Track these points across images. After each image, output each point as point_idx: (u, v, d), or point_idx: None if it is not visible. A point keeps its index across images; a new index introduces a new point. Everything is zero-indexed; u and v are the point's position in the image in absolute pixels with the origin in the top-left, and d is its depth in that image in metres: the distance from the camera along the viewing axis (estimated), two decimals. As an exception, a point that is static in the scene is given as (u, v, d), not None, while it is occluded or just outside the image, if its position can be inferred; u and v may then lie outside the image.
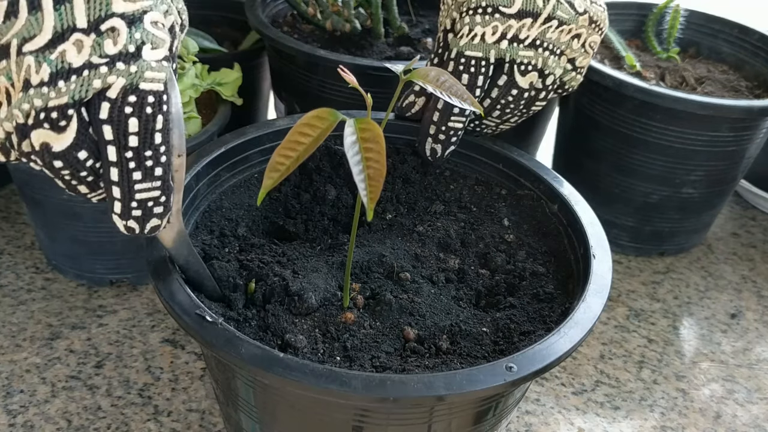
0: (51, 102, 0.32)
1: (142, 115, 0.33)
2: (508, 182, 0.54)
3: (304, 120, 0.35)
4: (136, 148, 0.34)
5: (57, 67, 0.31)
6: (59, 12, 0.31)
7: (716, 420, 0.62)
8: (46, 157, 0.33)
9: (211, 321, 0.36)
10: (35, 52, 0.31)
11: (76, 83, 0.32)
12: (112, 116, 0.33)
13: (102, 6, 0.32)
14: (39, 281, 0.69)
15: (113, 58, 0.32)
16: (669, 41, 0.86)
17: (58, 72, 0.32)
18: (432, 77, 0.38)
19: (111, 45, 0.32)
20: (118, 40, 0.32)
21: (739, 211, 0.92)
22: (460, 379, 0.34)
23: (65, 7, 0.31)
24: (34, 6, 0.30)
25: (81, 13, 0.31)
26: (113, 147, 0.34)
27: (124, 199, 0.35)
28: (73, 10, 0.31)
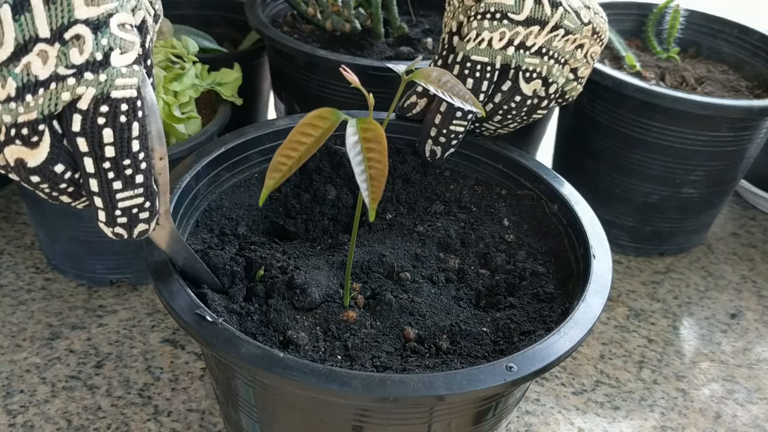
0: (20, 117, 0.30)
1: (116, 125, 0.32)
2: (508, 182, 0.54)
3: (306, 120, 0.35)
4: (113, 158, 0.33)
5: (23, 80, 0.30)
6: (19, 22, 0.29)
7: (716, 420, 0.62)
8: (22, 172, 0.32)
9: (211, 321, 0.36)
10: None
11: (44, 97, 0.31)
12: (85, 128, 0.32)
13: (64, 13, 0.30)
14: (39, 281, 0.69)
15: (80, 67, 0.31)
16: (669, 41, 0.86)
17: (24, 86, 0.30)
18: (434, 78, 0.38)
19: (77, 54, 0.31)
20: (84, 48, 0.31)
21: (739, 211, 0.92)
22: (460, 379, 0.34)
23: (25, 17, 0.29)
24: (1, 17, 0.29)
25: (42, 22, 0.29)
26: (90, 158, 0.33)
27: (107, 208, 0.34)
28: (33, 19, 0.29)
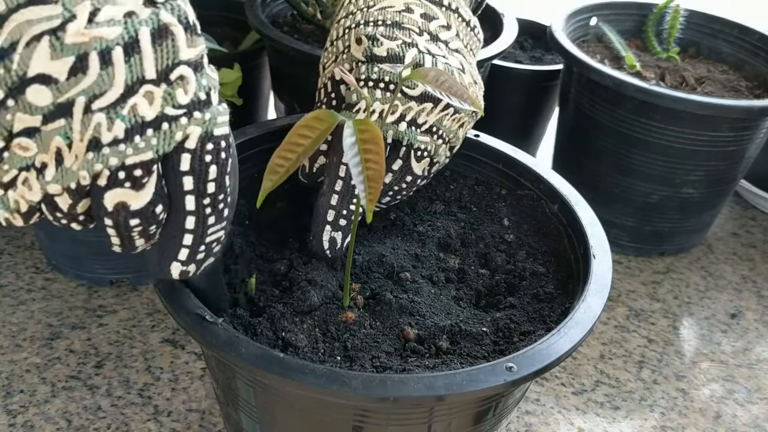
0: (130, 159, 0.30)
1: (219, 161, 0.33)
2: (508, 182, 0.54)
3: (303, 122, 0.35)
4: (213, 194, 0.33)
5: (131, 122, 0.30)
6: (129, 65, 0.29)
7: (716, 420, 0.62)
8: (122, 216, 0.32)
9: (211, 321, 0.36)
10: (105, 109, 0.29)
11: (158, 137, 0.31)
12: (194, 167, 0.32)
13: (170, 54, 0.30)
14: (39, 281, 0.69)
15: (188, 107, 0.31)
16: (669, 41, 0.86)
17: (132, 127, 0.30)
18: (431, 77, 0.38)
19: (183, 94, 0.31)
20: (188, 88, 0.31)
21: (739, 211, 0.92)
22: (460, 379, 0.34)
23: (134, 59, 0.29)
24: (105, 61, 0.29)
25: (150, 64, 0.30)
26: (192, 196, 0.33)
27: (194, 245, 0.35)
28: (142, 61, 0.29)
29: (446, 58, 0.46)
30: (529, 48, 0.99)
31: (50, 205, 0.32)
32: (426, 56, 0.45)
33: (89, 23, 0.28)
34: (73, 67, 0.28)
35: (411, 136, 0.45)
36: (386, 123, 0.45)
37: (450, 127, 0.46)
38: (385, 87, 0.45)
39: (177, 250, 0.35)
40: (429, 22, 0.47)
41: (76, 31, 0.28)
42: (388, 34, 0.45)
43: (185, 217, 0.34)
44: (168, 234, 0.34)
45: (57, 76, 0.28)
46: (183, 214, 0.33)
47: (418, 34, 0.46)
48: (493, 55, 0.74)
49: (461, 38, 0.49)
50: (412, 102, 0.44)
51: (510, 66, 0.88)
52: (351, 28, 0.48)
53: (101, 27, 0.28)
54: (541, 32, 0.98)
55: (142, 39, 0.29)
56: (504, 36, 0.79)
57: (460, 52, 0.48)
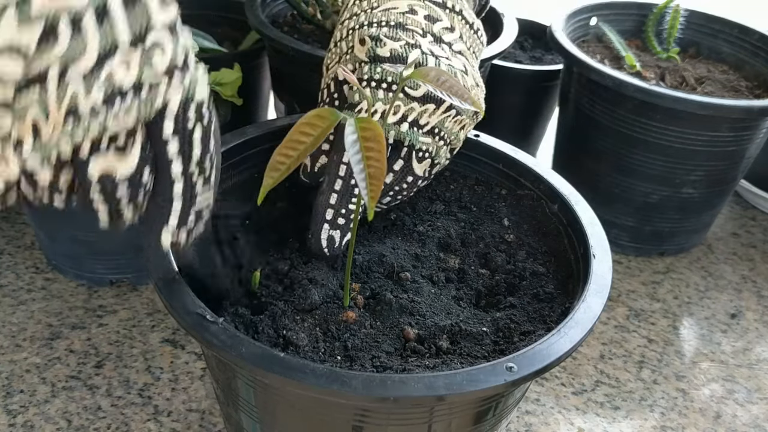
0: (111, 126, 0.30)
1: (202, 124, 0.33)
2: (508, 182, 0.54)
3: (305, 119, 0.35)
4: (198, 158, 0.34)
5: (109, 89, 0.30)
6: (101, 30, 0.28)
7: (716, 420, 0.62)
8: (108, 185, 0.32)
9: (212, 320, 0.36)
10: (81, 77, 0.29)
11: (138, 102, 0.31)
12: (177, 130, 0.32)
13: (143, 18, 0.30)
14: (39, 281, 0.69)
15: (167, 72, 0.31)
16: (669, 41, 0.86)
17: (111, 94, 0.30)
18: (432, 77, 0.38)
19: (160, 58, 0.31)
20: (165, 52, 0.31)
21: (739, 211, 0.92)
22: (461, 379, 0.34)
23: (106, 24, 0.29)
24: (76, 27, 0.28)
25: (123, 29, 0.29)
26: (178, 161, 0.33)
27: (183, 212, 0.35)
28: (114, 26, 0.29)
29: (449, 59, 0.46)
30: (529, 48, 0.99)
31: (30, 181, 0.31)
32: (429, 57, 0.45)
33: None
34: (42, 35, 0.27)
35: (413, 137, 0.45)
36: (388, 123, 0.45)
37: (452, 128, 0.47)
38: (388, 87, 0.45)
39: (166, 217, 0.34)
40: (432, 23, 0.47)
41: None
42: (391, 35, 0.45)
43: (172, 183, 0.33)
44: (156, 204, 0.34)
45: (26, 46, 0.27)
46: (170, 180, 0.33)
47: (422, 36, 0.46)
48: (493, 55, 0.74)
49: (464, 41, 0.49)
50: (415, 103, 0.44)
51: (510, 66, 0.88)
52: (355, 29, 0.48)
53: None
54: (541, 32, 0.98)
55: (112, 4, 0.29)
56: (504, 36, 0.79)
57: (463, 54, 0.48)
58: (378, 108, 0.45)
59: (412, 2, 0.48)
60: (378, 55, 0.45)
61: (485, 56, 0.73)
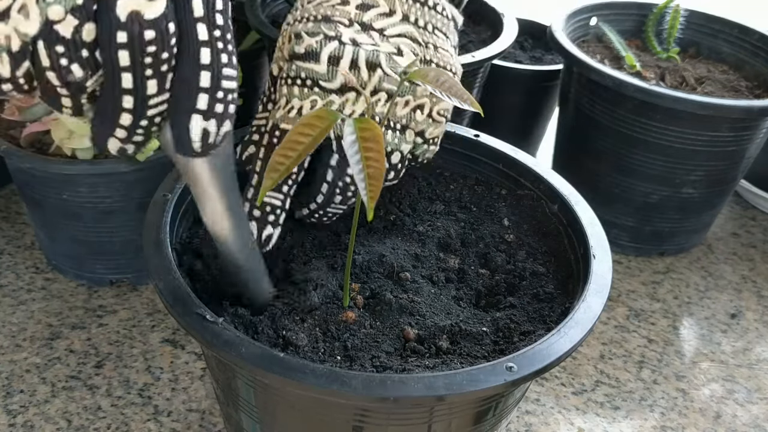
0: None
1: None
2: (508, 182, 0.54)
3: (304, 120, 0.35)
4: (222, 26, 0.31)
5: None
6: None
7: (716, 420, 0.62)
8: (135, 27, 0.29)
9: (211, 321, 0.36)
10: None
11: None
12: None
13: None
14: (39, 281, 0.69)
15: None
16: (669, 41, 0.86)
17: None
18: (431, 77, 0.38)
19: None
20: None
21: (739, 211, 0.92)
22: (461, 379, 0.34)
23: None
24: None
25: None
26: (203, 24, 0.31)
27: (213, 85, 0.32)
28: None
29: (377, 45, 0.46)
30: (529, 48, 0.99)
31: (49, 39, 0.28)
32: (347, 47, 0.45)
33: None
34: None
35: (337, 129, 0.45)
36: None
37: (392, 112, 0.46)
38: (302, 83, 0.45)
39: (195, 96, 0.32)
40: (365, 12, 0.47)
41: None
42: (312, 30, 0.46)
43: (199, 49, 0.31)
44: (182, 78, 0.31)
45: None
46: (197, 45, 0.31)
47: (347, 26, 0.46)
48: (493, 55, 0.74)
49: (412, 20, 0.48)
50: (333, 95, 0.45)
51: (510, 66, 0.88)
52: (289, 24, 0.48)
53: None
54: (541, 32, 0.98)
55: None
56: (504, 36, 0.79)
57: (406, 36, 0.47)
58: (294, 104, 0.45)
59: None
60: (295, 53, 0.46)
61: (485, 56, 0.73)
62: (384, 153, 0.34)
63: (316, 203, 0.47)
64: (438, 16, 0.50)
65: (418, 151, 0.49)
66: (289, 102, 0.45)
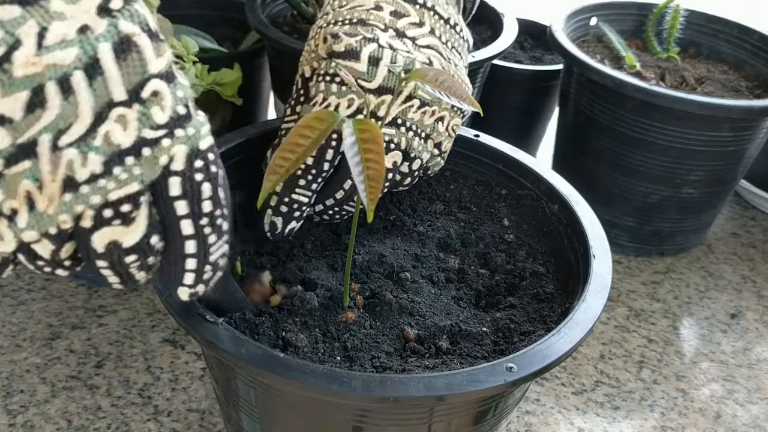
0: (113, 194, 0.27)
1: (211, 177, 0.30)
2: (508, 182, 0.54)
3: (303, 122, 0.35)
4: (210, 212, 0.31)
5: (106, 153, 0.27)
6: (93, 89, 0.25)
7: (716, 420, 0.62)
8: (115, 255, 0.29)
9: (211, 321, 0.36)
10: (75, 143, 0.26)
11: (141, 165, 0.28)
12: (185, 189, 0.29)
13: (138, 69, 0.27)
14: (39, 281, 0.69)
15: (168, 125, 0.28)
16: (669, 41, 0.86)
17: (110, 159, 0.27)
18: (431, 77, 0.38)
19: (159, 112, 0.28)
20: (164, 104, 0.28)
21: (739, 211, 0.92)
22: (461, 379, 0.34)
23: (98, 82, 0.26)
24: (65, 90, 0.25)
25: (117, 84, 0.26)
26: (188, 220, 0.30)
27: (199, 267, 0.32)
28: (107, 83, 0.26)
29: (410, 53, 0.46)
30: (529, 48, 0.99)
31: (29, 254, 0.29)
32: (385, 50, 0.45)
33: (38, 48, 0.24)
34: (28, 102, 0.24)
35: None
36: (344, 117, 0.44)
37: (421, 120, 0.46)
38: (341, 81, 0.45)
39: (181, 275, 0.32)
40: (398, 19, 0.47)
41: (24, 60, 0.24)
42: (350, 32, 0.46)
43: (184, 242, 0.31)
44: (168, 262, 0.32)
45: (11, 115, 0.24)
46: (181, 239, 0.31)
47: (383, 30, 0.46)
48: (493, 55, 0.74)
49: (437, 35, 0.49)
50: (370, 95, 0.45)
51: (510, 66, 0.88)
52: (322, 27, 0.48)
53: (53, 51, 0.24)
54: (541, 32, 0.98)
55: (102, 57, 0.26)
56: (504, 36, 0.79)
57: (433, 48, 0.48)
58: (331, 101, 0.45)
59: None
60: (334, 51, 0.46)
61: (485, 56, 0.73)
62: (383, 154, 0.34)
63: (334, 199, 0.47)
64: (456, 36, 0.51)
65: (431, 162, 0.49)
66: (326, 99, 0.45)
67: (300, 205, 0.46)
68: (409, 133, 0.46)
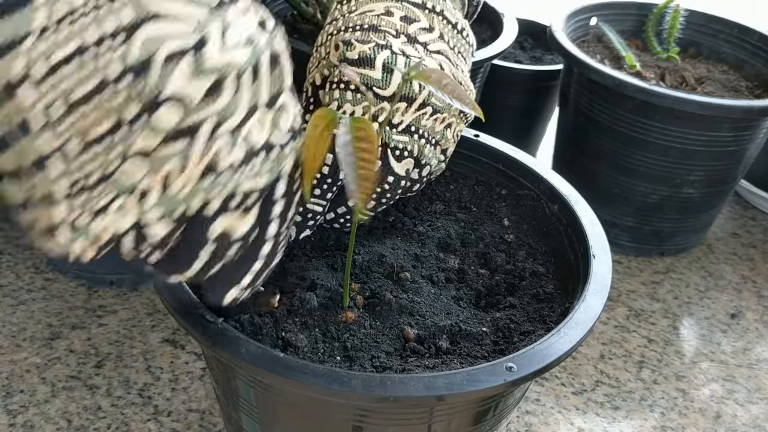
0: (244, 185, 0.30)
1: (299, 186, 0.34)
2: (508, 182, 0.54)
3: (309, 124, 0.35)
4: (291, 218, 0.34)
5: (247, 147, 0.29)
6: (252, 89, 0.29)
7: (716, 420, 0.62)
8: (223, 245, 0.31)
9: (212, 321, 0.36)
10: (229, 133, 0.29)
11: (268, 163, 0.31)
12: (287, 192, 0.33)
13: (279, 81, 0.30)
14: (39, 281, 0.69)
15: (290, 134, 0.31)
16: (669, 41, 0.86)
17: (248, 153, 0.30)
18: (434, 79, 0.38)
19: (285, 121, 0.31)
20: (288, 116, 0.31)
21: (739, 211, 0.92)
22: (461, 379, 0.34)
23: (257, 84, 0.29)
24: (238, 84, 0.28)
25: (266, 89, 0.29)
26: (276, 222, 0.33)
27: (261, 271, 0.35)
28: (260, 86, 0.29)
29: (423, 59, 0.46)
30: (529, 48, 0.99)
31: (137, 235, 0.30)
32: (399, 57, 0.45)
33: (223, 45, 0.27)
34: (210, 89, 0.27)
35: (385, 136, 0.45)
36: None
37: (432, 127, 0.46)
38: (356, 88, 0.45)
39: (242, 275, 0.34)
40: (409, 24, 0.47)
41: (215, 52, 0.27)
42: (362, 38, 0.46)
43: (263, 243, 0.33)
44: (238, 261, 0.33)
45: (192, 98, 0.27)
46: (262, 240, 0.33)
47: (395, 36, 0.46)
48: (493, 55, 0.74)
49: (446, 40, 0.49)
50: (384, 102, 0.45)
51: (510, 66, 0.88)
52: (332, 34, 0.48)
53: (236, 50, 0.28)
54: (541, 32, 0.98)
55: (263, 64, 0.29)
56: (504, 36, 0.80)
57: (443, 54, 0.48)
58: (346, 109, 0.45)
59: (389, 4, 0.48)
60: (347, 58, 0.45)
61: (485, 56, 0.73)
62: (376, 155, 0.34)
63: (346, 207, 0.47)
64: (463, 41, 0.50)
65: (436, 168, 0.49)
66: (340, 107, 0.45)
67: (314, 215, 0.46)
68: (421, 141, 0.46)
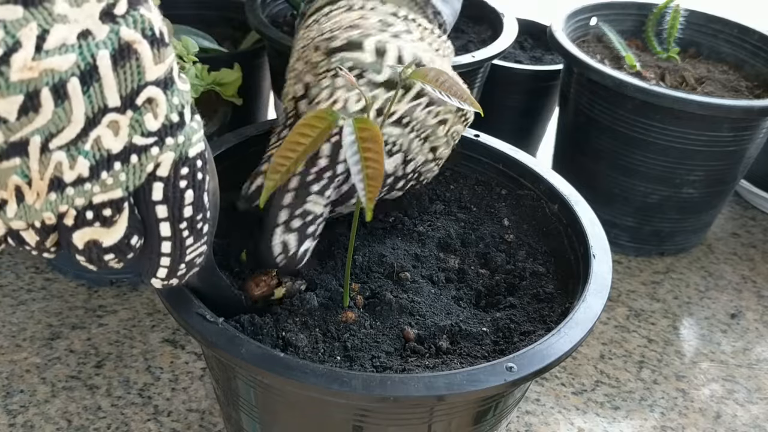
0: (98, 197, 0.28)
1: (195, 184, 0.31)
2: (508, 182, 0.54)
3: (304, 121, 0.35)
4: (190, 217, 0.31)
5: (95, 157, 0.27)
6: (88, 96, 0.26)
7: (716, 420, 0.62)
8: (94, 253, 0.30)
9: (212, 321, 0.36)
10: (65, 146, 0.26)
11: (127, 171, 0.28)
12: (167, 195, 0.30)
13: (135, 76, 0.27)
14: (39, 281, 0.69)
15: (159, 133, 0.28)
16: (669, 41, 0.86)
17: (97, 163, 0.27)
18: (431, 77, 0.38)
19: (152, 119, 0.28)
20: (157, 111, 0.28)
21: (739, 211, 0.92)
22: (461, 379, 0.34)
23: (94, 88, 0.26)
24: (60, 96, 0.25)
25: (112, 91, 0.26)
26: (167, 223, 0.31)
27: (173, 265, 0.33)
28: (103, 89, 0.26)
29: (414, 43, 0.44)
30: (529, 48, 0.99)
31: (17, 239, 0.29)
32: (390, 43, 0.43)
33: (37, 52, 0.24)
34: (22, 106, 0.24)
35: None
36: (352, 112, 0.42)
37: (425, 120, 0.44)
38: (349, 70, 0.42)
39: (155, 269, 0.33)
40: (387, 26, 0.46)
41: (22, 64, 0.24)
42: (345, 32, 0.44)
43: (161, 242, 0.32)
44: (145, 255, 0.33)
45: (5, 116, 0.24)
46: (159, 239, 0.31)
47: (379, 31, 0.45)
48: (493, 55, 0.74)
49: (428, 42, 0.47)
50: (378, 89, 0.42)
51: (510, 66, 0.88)
52: (307, 45, 0.46)
53: (52, 56, 0.24)
54: (541, 32, 0.98)
55: (101, 64, 0.26)
56: (504, 36, 0.80)
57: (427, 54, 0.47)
58: (339, 96, 0.42)
59: (363, 12, 0.46)
60: (332, 48, 0.43)
61: (485, 56, 0.73)
62: (383, 154, 0.34)
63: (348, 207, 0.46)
64: (444, 44, 0.50)
65: (424, 168, 0.47)
66: (332, 95, 0.42)
67: (315, 218, 0.42)
68: (411, 134, 0.44)
